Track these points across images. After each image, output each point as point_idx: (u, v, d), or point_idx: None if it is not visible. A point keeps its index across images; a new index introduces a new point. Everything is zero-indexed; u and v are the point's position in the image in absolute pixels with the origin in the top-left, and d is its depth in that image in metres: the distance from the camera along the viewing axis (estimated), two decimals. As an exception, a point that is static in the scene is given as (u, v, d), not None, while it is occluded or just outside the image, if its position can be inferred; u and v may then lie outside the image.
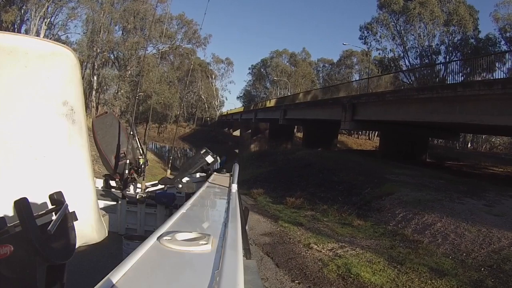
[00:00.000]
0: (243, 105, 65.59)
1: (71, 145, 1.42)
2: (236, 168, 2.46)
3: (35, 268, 0.92)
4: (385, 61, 41.92)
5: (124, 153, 3.83)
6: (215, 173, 3.53)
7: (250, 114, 48.38)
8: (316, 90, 36.99)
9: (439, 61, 36.96)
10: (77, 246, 1.11)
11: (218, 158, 3.98)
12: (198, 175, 4.14)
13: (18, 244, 0.91)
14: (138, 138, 4.22)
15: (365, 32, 40.84)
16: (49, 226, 0.98)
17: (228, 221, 1.30)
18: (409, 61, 39.99)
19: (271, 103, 41.74)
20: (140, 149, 4.10)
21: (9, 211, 1.00)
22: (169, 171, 4.57)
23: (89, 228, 1.47)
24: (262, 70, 68.27)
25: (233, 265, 0.84)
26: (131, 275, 0.77)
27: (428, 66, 34.75)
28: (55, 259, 0.97)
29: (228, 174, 3.33)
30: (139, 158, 4.02)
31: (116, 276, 0.75)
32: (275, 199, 13.42)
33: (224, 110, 72.89)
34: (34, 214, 0.94)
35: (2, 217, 0.95)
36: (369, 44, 41.23)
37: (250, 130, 48.49)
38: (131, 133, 4.00)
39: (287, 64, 65.04)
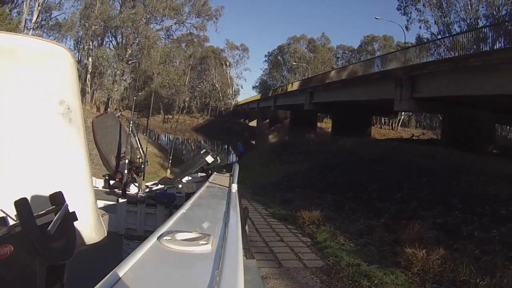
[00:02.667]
0: (260, 93, 61.01)
1: (68, 145, 1.43)
2: (236, 168, 2.48)
3: (35, 268, 0.93)
4: (427, 37, 34.64)
5: (124, 153, 3.86)
6: (215, 173, 3.53)
7: (269, 101, 44.22)
8: (355, 65, 29.24)
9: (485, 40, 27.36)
10: (77, 247, 1.12)
11: (218, 158, 3.97)
12: (198, 175, 4.14)
13: (18, 244, 0.91)
14: (138, 138, 4.26)
15: (404, 1, 34.81)
16: (49, 226, 0.99)
17: (228, 221, 1.30)
18: (452, 38, 33.49)
19: (294, 86, 36.79)
20: (140, 149, 4.13)
21: (9, 211, 1.01)
22: (169, 171, 4.59)
23: (87, 228, 1.48)
24: (279, 57, 65.44)
25: (233, 265, 0.84)
26: (131, 275, 0.77)
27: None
28: (55, 259, 0.98)
29: (228, 174, 3.31)
30: (138, 158, 4.04)
31: (116, 276, 0.75)
32: (356, 238, 6.13)
33: (240, 99, 69.58)
34: (34, 214, 0.95)
35: (2, 217, 0.97)
36: (408, 15, 34.96)
37: (268, 120, 45.33)
38: (130, 133, 4.02)
39: (306, 50, 62.24)
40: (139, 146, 4.15)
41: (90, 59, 31.91)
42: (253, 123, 56.53)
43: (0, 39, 1.27)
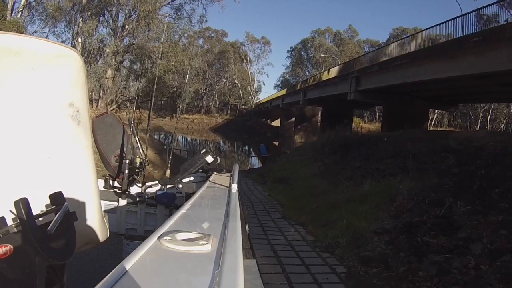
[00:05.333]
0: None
1: (76, 146, 1.46)
2: (236, 168, 2.49)
3: (35, 268, 0.94)
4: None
5: (124, 153, 3.87)
6: (215, 173, 3.53)
7: (296, 95, 38.40)
8: (432, 29, 18.51)
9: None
10: (80, 247, 1.14)
11: (218, 158, 3.98)
12: (198, 175, 4.14)
13: (18, 244, 0.92)
14: (138, 138, 4.29)
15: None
16: (49, 226, 1.00)
17: (228, 221, 1.30)
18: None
19: (331, 73, 29.68)
20: (140, 149, 4.17)
21: (9, 211, 1.03)
22: (168, 171, 4.62)
23: (91, 229, 1.51)
24: (302, 53, 61.43)
25: (233, 265, 0.84)
26: (131, 275, 0.77)
27: None
28: (55, 259, 0.99)
29: (228, 174, 3.31)
30: (138, 158, 4.07)
31: (116, 276, 0.75)
32: None
33: (261, 97, 64.23)
34: (34, 214, 0.96)
35: (2, 217, 0.97)
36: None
37: (293, 119, 40.78)
38: (131, 133, 4.04)
39: (332, 44, 58.14)
40: (140, 146, 4.19)
41: (79, 39, 25.83)
42: (276, 123, 52.45)
43: (11, 40, 1.30)
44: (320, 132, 29.30)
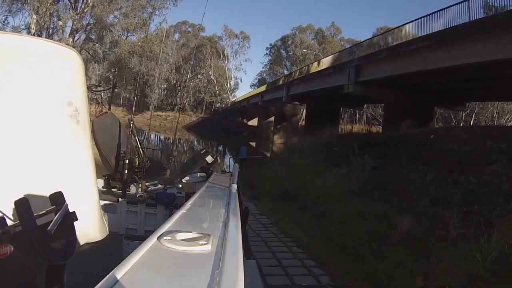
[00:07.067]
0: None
1: (75, 145, 1.48)
2: (236, 168, 2.49)
3: (35, 268, 0.94)
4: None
5: (124, 153, 3.87)
6: (215, 173, 3.56)
7: (279, 91, 34.63)
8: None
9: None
10: (79, 247, 1.15)
11: (218, 158, 4.00)
12: (198, 175, 4.14)
13: (18, 244, 0.92)
14: (138, 138, 4.27)
15: None
16: (49, 226, 1.00)
17: (228, 221, 1.30)
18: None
19: (323, 63, 26.00)
20: (140, 149, 4.15)
21: (9, 211, 1.02)
22: (168, 171, 4.61)
23: (91, 227, 1.52)
24: (281, 50, 58.78)
25: (233, 265, 0.84)
26: (131, 275, 0.77)
27: None
28: (55, 259, 0.99)
29: (228, 174, 3.32)
30: (138, 158, 4.06)
31: (116, 276, 0.75)
32: None
33: (238, 95, 60.80)
34: (34, 214, 0.96)
35: (2, 217, 0.97)
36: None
37: (272, 118, 39.08)
38: (130, 132, 4.03)
39: (313, 41, 55.53)
40: (139, 146, 4.16)
41: (34, 16, 22.34)
42: (253, 122, 50.59)
43: (11, 40, 1.30)
44: (303, 132, 27.69)
